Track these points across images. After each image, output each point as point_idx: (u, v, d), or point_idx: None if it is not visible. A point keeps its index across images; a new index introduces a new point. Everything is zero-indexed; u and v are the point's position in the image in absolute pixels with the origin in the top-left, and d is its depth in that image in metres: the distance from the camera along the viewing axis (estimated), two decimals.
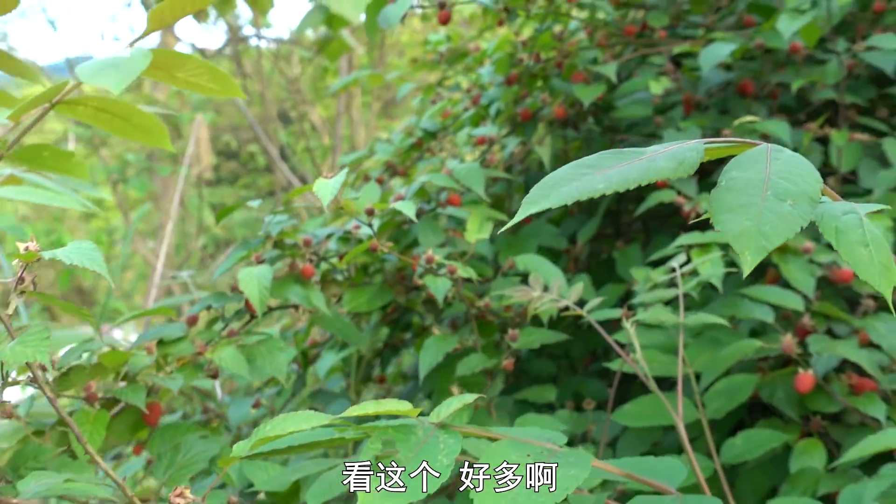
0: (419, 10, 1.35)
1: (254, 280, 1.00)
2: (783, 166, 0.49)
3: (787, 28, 1.20)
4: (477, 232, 1.18)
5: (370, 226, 0.99)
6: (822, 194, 0.57)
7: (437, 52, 2.13)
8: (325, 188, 0.83)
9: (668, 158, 0.49)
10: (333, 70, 5.74)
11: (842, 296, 1.18)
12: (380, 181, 1.92)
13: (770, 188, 0.47)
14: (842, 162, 1.32)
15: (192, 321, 1.03)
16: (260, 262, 1.10)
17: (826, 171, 1.39)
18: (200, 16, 5.38)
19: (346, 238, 1.24)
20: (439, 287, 1.06)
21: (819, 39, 1.41)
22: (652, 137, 1.48)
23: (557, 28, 1.66)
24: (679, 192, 1.29)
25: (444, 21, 1.27)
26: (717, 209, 0.46)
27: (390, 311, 1.51)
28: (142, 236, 6.81)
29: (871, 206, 0.55)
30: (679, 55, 1.55)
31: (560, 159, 1.85)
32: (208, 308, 1.08)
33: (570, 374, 1.50)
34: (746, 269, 0.43)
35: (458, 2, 1.23)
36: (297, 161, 7.73)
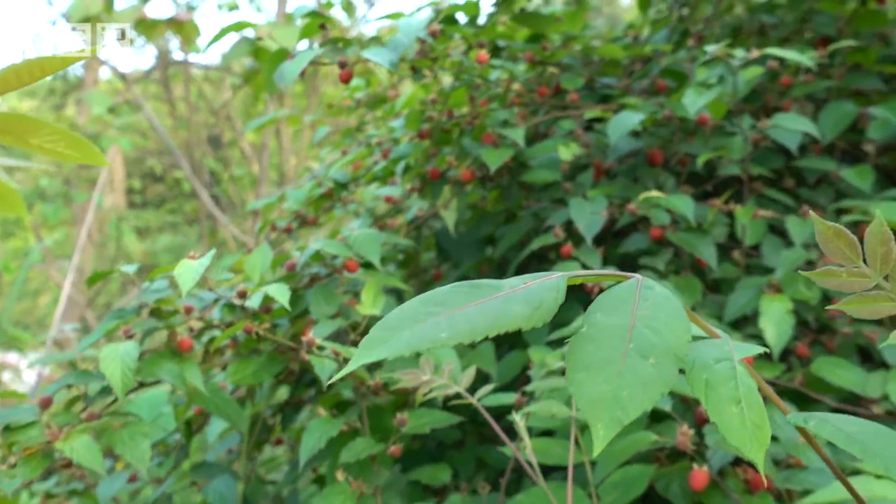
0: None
1: (117, 359, 0.92)
2: (651, 311, 0.45)
3: (693, 104, 1.19)
4: (371, 305, 1.12)
5: (243, 308, 0.91)
6: (698, 327, 0.53)
7: (354, 98, 2.08)
8: (187, 273, 0.76)
9: (524, 302, 0.43)
10: (264, 98, 5.64)
11: None
12: (288, 230, 1.85)
13: (634, 340, 0.42)
14: (746, 236, 1.31)
15: (46, 403, 0.93)
16: (129, 336, 1.01)
17: (732, 244, 1.38)
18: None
19: (232, 306, 1.16)
20: (325, 368, 0.99)
21: (727, 111, 1.41)
22: (562, 203, 1.45)
23: (474, 84, 1.62)
24: (584, 265, 1.26)
25: (346, 80, 1.22)
26: (574, 365, 0.41)
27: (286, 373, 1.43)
28: (60, 260, 6.52)
29: (750, 349, 0.51)
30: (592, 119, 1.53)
31: (477, 212, 1.81)
32: (69, 387, 0.99)
33: (477, 442, 1.44)
34: (597, 447, 0.38)
35: (359, 61, 1.18)
36: (225, 188, 7.56)
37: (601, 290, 1.29)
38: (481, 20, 1.45)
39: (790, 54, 1.18)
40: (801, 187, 1.63)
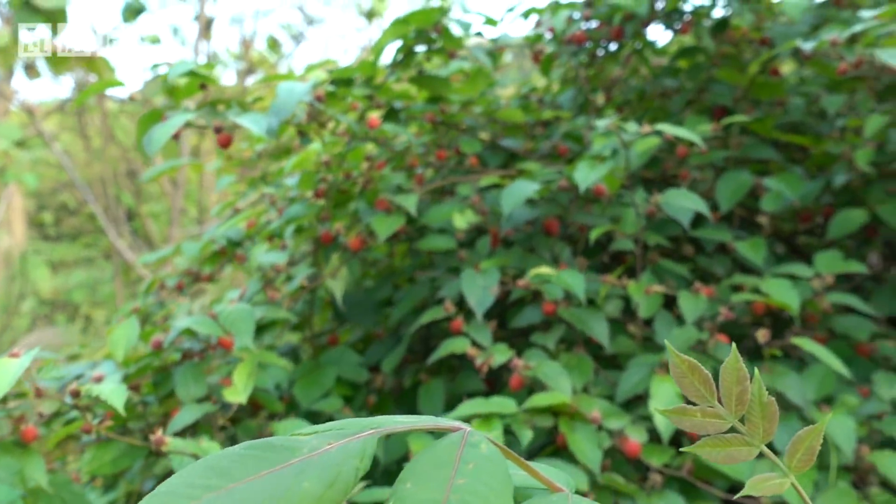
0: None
1: None
2: (471, 479, 0.39)
3: (584, 179, 1.16)
4: (243, 389, 1.04)
5: (77, 407, 0.83)
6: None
7: (255, 149, 2.00)
8: (2, 376, 0.67)
9: (318, 475, 0.37)
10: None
11: (632, 465, 1.12)
12: (180, 287, 1.75)
13: None
14: (641, 310, 1.28)
15: None
16: None
17: (629, 317, 1.36)
18: (31, 72, 5.01)
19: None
20: (183, 466, 0.90)
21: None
22: (457, 272, 1.40)
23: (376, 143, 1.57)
24: (473, 342, 1.21)
25: (225, 144, 1.15)
26: None
27: None
28: None
29: None
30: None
31: (377, 272, 1.75)
32: None
33: None
34: None
35: (237, 127, 1.12)
36: (140, 224, 7.31)
37: (491, 369, 1.24)
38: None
39: (680, 131, 1.17)
40: (699, 255, 1.63)
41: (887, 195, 1.57)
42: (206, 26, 6.20)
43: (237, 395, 1.02)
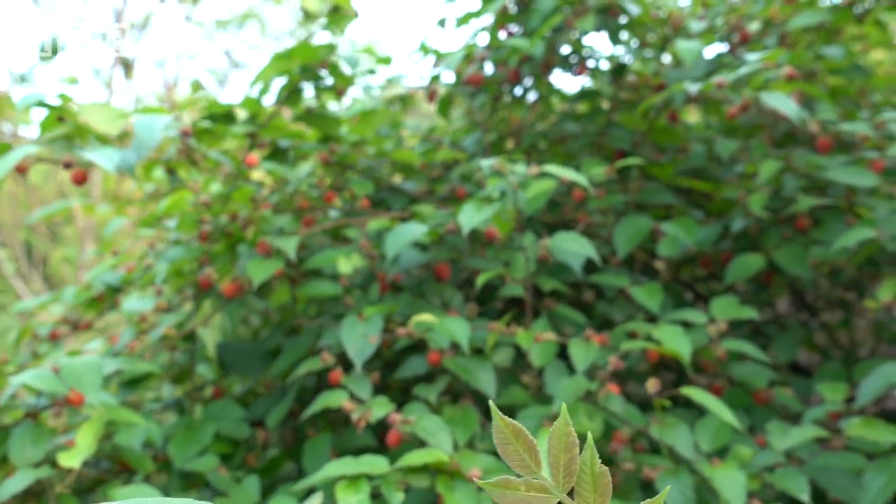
0: None
1: None
2: None
3: (469, 221, 1.11)
4: (86, 449, 0.94)
5: None
6: None
7: (144, 190, 1.90)
8: None
9: None
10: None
11: None
12: (54, 337, 1.63)
13: None
14: (534, 358, 1.22)
15: None
16: None
17: (521, 367, 1.30)
18: None
19: None
20: None
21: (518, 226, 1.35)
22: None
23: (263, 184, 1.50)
24: (352, 395, 1.13)
25: (79, 181, 1.06)
26: None
27: None
28: None
29: None
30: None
31: (287, 316, 1.65)
32: None
33: None
34: None
35: (91, 165, 1.03)
36: (56, 269, 6.99)
37: (369, 424, 1.16)
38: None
39: (567, 172, 1.13)
40: (600, 301, 1.59)
41: (783, 240, 1.56)
42: (127, 68, 6.06)
43: (74, 458, 0.91)
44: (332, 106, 1.61)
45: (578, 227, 1.39)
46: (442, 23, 1.69)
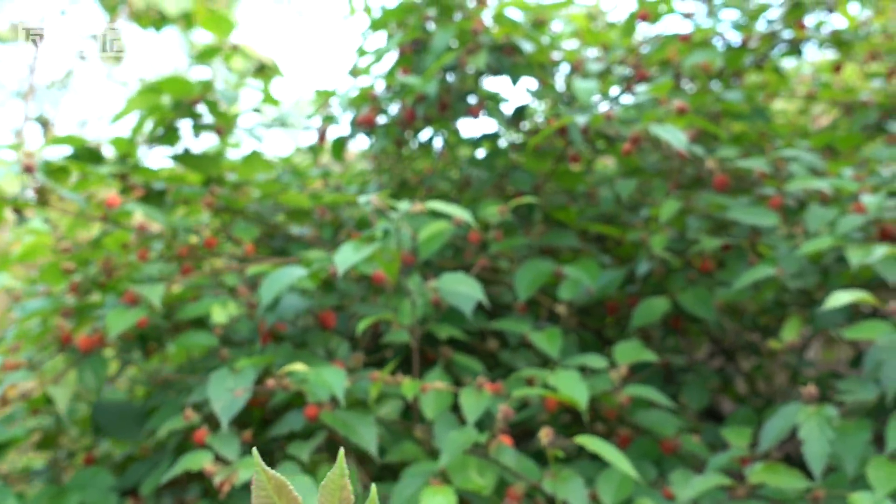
0: None
1: None
2: None
3: (343, 261, 1.02)
4: None
5: None
6: None
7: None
8: None
9: None
10: None
11: None
12: None
13: None
14: (426, 410, 1.13)
15: None
16: None
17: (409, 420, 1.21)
18: None
19: None
20: None
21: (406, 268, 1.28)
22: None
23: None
24: (217, 456, 1.02)
25: None
26: None
27: None
28: None
29: None
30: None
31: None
32: None
33: None
34: None
35: None
36: None
37: (234, 488, 1.05)
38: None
39: (452, 209, 1.06)
40: (504, 349, 1.52)
41: (688, 283, 1.53)
42: (45, 126, 5.88)
43: None
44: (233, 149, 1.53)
45: (474, 270, 1.32)
46: (354, 72, 1.62)
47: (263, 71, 1.74)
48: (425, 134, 1.66)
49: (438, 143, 1.63)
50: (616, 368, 1.22)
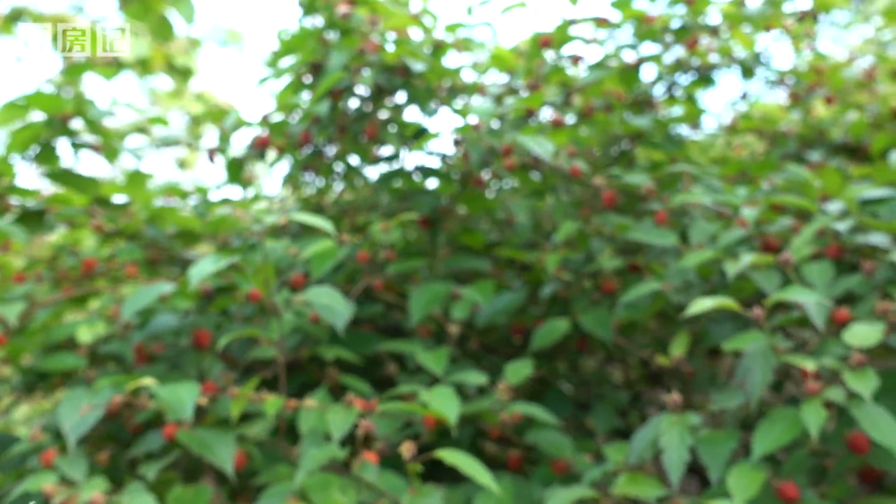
0: None
1: None
2: None
3: (197, 273, 0.99)
4: None
5: None
6: None
7: None
8: None
9: None
10: None
11: None
12: None
13: None
14: (301, 426, 1.10)
15: None
16: None
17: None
18: None
19: None
20: None
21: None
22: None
23: None
24: (63, 477, 0.97)
25: None
26: None
27: None
28: None
29: None
30: None
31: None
32: None
33: None
34: None
35: None
36: None
37: None
38: None
39: (312, 219, 1.04)
40: (404, 371, 1.49)
41: (590, 304, 1.51)
42: None
43: None
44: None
45: (357, 290, 1.30)
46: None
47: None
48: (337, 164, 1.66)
49: (339, 167, 1.62)
50: (502, 387, 1.20)
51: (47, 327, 1.22)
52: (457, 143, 1.60)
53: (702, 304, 0.99)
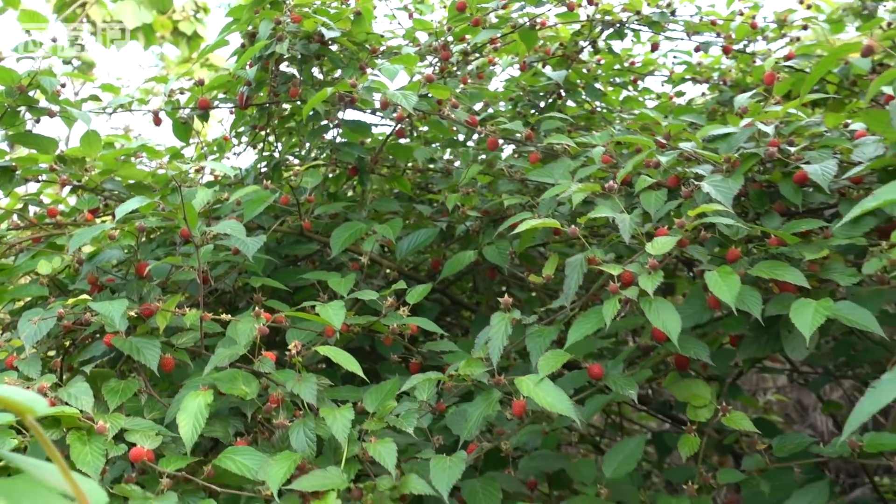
0: None
1: None
2: None
3: (121, 210, 1.24)
4: None
5: None
6: None
7: None
8: None
9: None
10: None
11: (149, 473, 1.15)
12: None
13: None
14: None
15: None
16: None
17: None
18: None
19: None
20: None
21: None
22: None
23: None
24: (22, 375, 1.23)
25: None
26: None
27: None
28: None
29: None
30: None
31: None
32: None
33: None
34: None
35: None
36: None
37: None
38: None
39: (218, 165, 1.27)
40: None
41: (497, 238, 1.74)
42: None
43: None
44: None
45: (275, 225, 1.54)
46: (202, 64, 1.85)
47: None
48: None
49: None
50: (389, 303, 1.44)
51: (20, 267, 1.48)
52: (382, 103, 1.83)
53: (527, 223, 1.22)
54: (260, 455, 1.14)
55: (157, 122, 1.69)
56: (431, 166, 2.02)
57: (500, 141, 1.65)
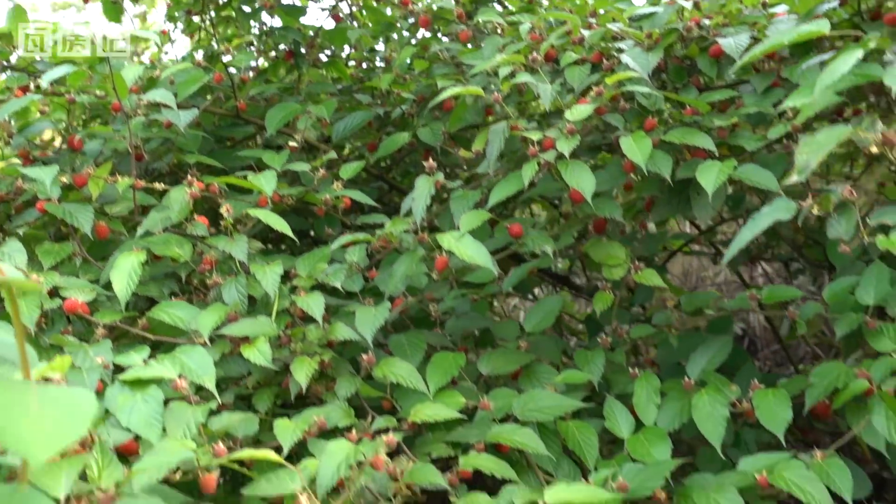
0: None
1: None
2: None
3: (49, 77, 1.25)
4: None
5: None
6: None
7: None
8: None
9: None
10: None
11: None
12: None
13: None
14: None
15: None
16: None
17: None
18: None
19: None
20: None
21: None
22: None
23: None
24: None
25: None
26: None
27: None
28: None
29: None
30: None
31: None
32: None
33: None
34: None
35: None
36: None
37: None
38: None
39: (144, 33, 1.28)
40: None
41: (432, 120, 1.77)
42: None
43: None
44: None
45: (206, 104, 1.56)
46: None
47: None
48: None
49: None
50: (320, 174, 1.47)
51: None
52: None
53: (447, 92, 1.26)
54: (193, 308, 1.19)
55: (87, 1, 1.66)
56: (367, 55, 2.03)
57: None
